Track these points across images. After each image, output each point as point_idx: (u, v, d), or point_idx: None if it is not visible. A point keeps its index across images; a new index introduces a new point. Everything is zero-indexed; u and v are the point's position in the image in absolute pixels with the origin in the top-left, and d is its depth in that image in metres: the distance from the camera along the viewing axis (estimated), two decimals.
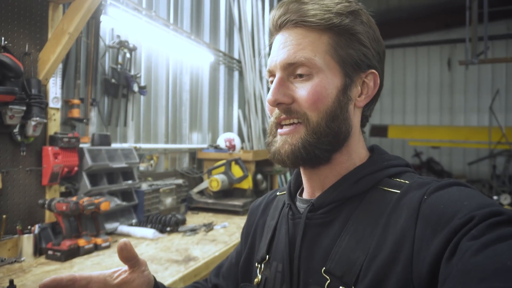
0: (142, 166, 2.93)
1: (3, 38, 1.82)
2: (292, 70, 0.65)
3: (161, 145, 3.26)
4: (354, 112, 0.68)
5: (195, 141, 3.88)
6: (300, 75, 0.64)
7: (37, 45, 2.05)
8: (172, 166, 3.44)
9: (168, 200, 2.85)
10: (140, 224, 2.49)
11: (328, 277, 0.60)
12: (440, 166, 8.80)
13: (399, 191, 0.61)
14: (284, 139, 0.66)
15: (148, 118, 3.13)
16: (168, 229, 2.42)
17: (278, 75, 0.66)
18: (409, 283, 0.52)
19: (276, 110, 0.67)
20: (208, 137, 4.13)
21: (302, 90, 0.64)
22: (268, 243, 0.75)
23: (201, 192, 3.32)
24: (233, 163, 3.29)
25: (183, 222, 2.56)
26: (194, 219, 2.86)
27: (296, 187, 0.79)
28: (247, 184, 3.33)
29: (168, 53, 3.36)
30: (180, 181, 3.06)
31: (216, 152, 3.66)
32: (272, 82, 0.69)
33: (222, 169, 3.28)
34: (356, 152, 0.69)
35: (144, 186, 2.69)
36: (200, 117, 3.97)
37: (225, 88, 4.47)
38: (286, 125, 0.67)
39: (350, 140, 0.68)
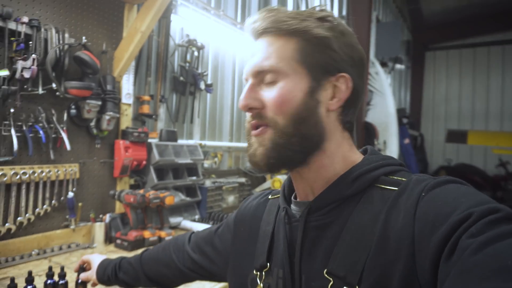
0: (206, 163, 2.97)
1: (83, 37, 1.94)
2: (261, 77, 0.67)
3: (226, 143, 3.29)
4: (327, 116, 0.67)
5: None
6: (268, 82, 0.66)
7: (113, 44, 2.16)
8: (235, 164, 3.45)
9: (231, 198, 2.85)
10: (202, 220, 2.51)
11: (330, 279, 0.59)
12: None
13: (396, 189, 0.60)
14: (256, 141, 0.67)
15: (213, 115, 3.17)
16: None
17: (249, 81, 0.69)
18: (414, 280, 0.51)
19: (248, 115, 0.69)
20: None
21: (269, 95, 0.66)
22: (267, 250, 0.73)
23: None
24: None
25: None
26: None
27: (290, 190, 0.77)
28: None
29: (235, 52, 3.38)
30: (243, 179, 3.05)
31: None
32: None
33: None
34: (340, 156, 0.68)
35: (208, 182, 2.72)
36: None
37: None
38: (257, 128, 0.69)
39: (327, 144, 0.67)
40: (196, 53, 2.76)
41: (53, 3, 1.84)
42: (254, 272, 0.75)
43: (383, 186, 0.62)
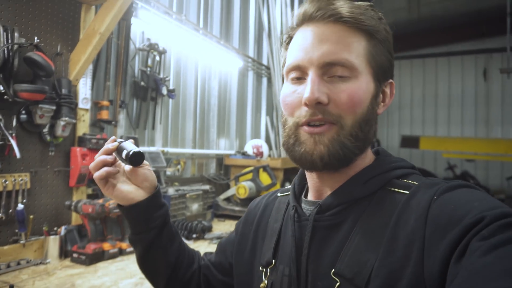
0: (169, 171, 2.88)
1: (36, 37, 1.82)
2: (329, 69, 0.61)
3: (189, 150, 3.21)
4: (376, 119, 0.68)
5: (223, 147, 3.82)
6: (339, 76, 0.61)
7: (68, 46, 2.04)
8: (199, 171, 3.38)
9: (195, 206, 2.78)
10: None
11: (337, 279, 0.59)
12: (476, 180, 8.33)
13: (407, 192, 0.60)
14: (316, 139, 0.61)
15: (176, 122, 3.09)
16: (194, 235, 2.33)
17: (314, 71, 0.61)
18: (421, 284, 0.50)
19: (304, 109, 0.62)
20: (235, 143, 4.06)
21: (341, 92, 0.61)
22: (274, 247, 0.72)
23: (228, 199, 3.24)
24: (261, 170, 3.19)
25: (209, 229, 2.47)
26: (220, 227, 2.76)
27: (300, 188, 0.76)
28: None
29: (197, 58, 3.33)
30: (207, 187, 2.99)
31: (244, 159, 3.58)
32: (295, 78, 0.64)
33: (250, 176, 3.19)
34: (368, 157, 0.69)
35: (171, 191, 2.63)
36: (228, 123, 3.91)
37: (253, 94, 4.41)
38: (316, 125, 0.62)
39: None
40: (157, 58, 2.68)
41: None
42: (260, 268, 0.74)
43: (394, 189, 0.62)
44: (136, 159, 0.77)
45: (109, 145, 0.79)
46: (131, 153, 0.77)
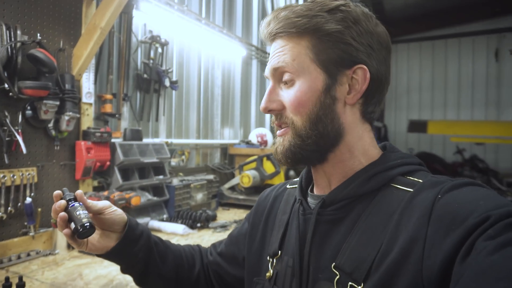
0: (174, 161, 2.93)
1: (38, 34, 1.85)
2: (278, 77, 0.69)
3: (193, 140, 3.25)
4: (345, 110, 0.67)
5: (227, 136, 3.85)
6: (285, 82, 0.67)
7: (71, 41, 2.07)
8: (203, 161, 3.43)
9: (199, 196, 2.83)
10: (171, 219, 2.48)
11: (337, 273, 0.60)
12: (485, 164, 8.26)
13: (412, 190, 0.60)
14: (279, 141, 0.70)
15: (179, 113, 3.13)
16: (198, 225, 2.39)
17: (270, 83, 0.70)
18: (419, 282, 0.51)
19: (272, 115, 0.72)
20: (240, 132, 4.08)
21: (287, 97, 0.67)
22: (280, 238, 0.76)
23: (232, 188, 3.29)
24: (264, 158, 3.23)
25: (213, 218, 2.53)
26: (224, 215, 2.82)
27: (307, 182, 0.79)
28: (279, 181, 3.25)
29: (200, 48, 3.34)
30: (211, 176, 3.04)
31: (248, 148, 3.61)
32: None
33: (254, 164, 3.23)
34: (360, 149, 0.68)
35: (175, 181, 2.68)
36: (232, 113, 3.93)
37: (257, 82, 4.40)
38: (281, 128, 0.71)
39: (346, 138, 0.67)
40: (160, 50, 2.70)
41: None
42: (268, 258, 0.77)
43: (398, 186, 0.62)
44: (84, 236, 0.74)
45: (56, 205, 0.76)
46: (79, 231, 0.72)
